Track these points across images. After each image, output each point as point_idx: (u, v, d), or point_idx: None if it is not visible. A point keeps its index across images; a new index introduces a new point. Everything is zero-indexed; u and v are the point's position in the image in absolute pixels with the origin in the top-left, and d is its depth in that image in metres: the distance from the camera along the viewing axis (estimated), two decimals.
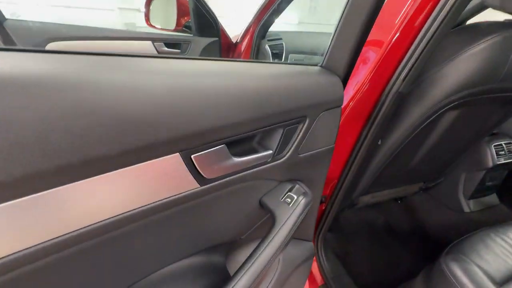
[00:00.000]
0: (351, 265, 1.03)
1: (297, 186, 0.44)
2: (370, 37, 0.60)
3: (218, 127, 0.28)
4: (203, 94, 0.28)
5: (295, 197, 0.41)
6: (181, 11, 1.24)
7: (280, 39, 1.22)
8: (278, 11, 1.37)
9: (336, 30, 0.41)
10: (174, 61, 0.30)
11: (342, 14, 0.40)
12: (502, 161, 1.01)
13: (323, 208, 0.84)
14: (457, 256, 0.66)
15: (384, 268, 1.04)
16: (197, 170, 0.29)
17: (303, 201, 0.41)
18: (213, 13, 1.21)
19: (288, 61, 1.18)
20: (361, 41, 0.41)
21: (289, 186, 0.43)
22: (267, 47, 1.19)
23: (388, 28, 0.54)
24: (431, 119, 0.69)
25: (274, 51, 1.18)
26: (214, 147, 0.29)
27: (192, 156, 0.28)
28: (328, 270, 0.86)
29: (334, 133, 0.46)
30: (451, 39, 0.64)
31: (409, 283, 0.86)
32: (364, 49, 0.61)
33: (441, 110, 0.67)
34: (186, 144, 0.27)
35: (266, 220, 0.49)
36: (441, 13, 0.47)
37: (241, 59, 0.35)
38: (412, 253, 1.11)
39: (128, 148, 0.24)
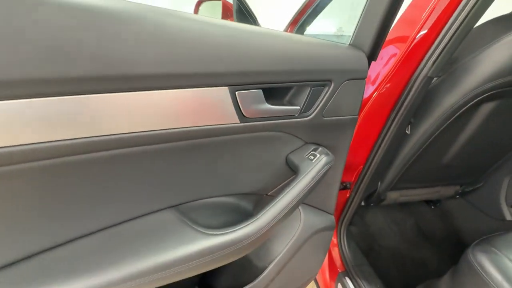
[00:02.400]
0: (375, 259, 1.02)
1: (320, 148, 0.49)
2: (401, 22, 0.64)
3: (256, 71, 0.36)
4: (245, 44, 0.36)
5: (318, 155, 0.47)
6: (226, 13, 1.39)
7: None
8: (313, 15, 1.44)
9: (363, 11, 0.47)
10: (233, 23, 0.39)
11: None
12: None
13: (348, 195, 0.87)
14: (487, 248, 0.65)
15: (410, 266, 1.01)
16: (239, 106, 0.37)
17: (324, 158, 0.47)
18: (254, 16, 1.33)
19: None
20: (386, 22, 0.46)
21: (313, 147, 0.49)
22: None
23: (420, 12, 0.57)
24: (464, 109, 0.69)
25: None
26: (251, 89, 0.37)
27: (236, 92, 0.36)
28: (349, 258, 0.88)
29: (358, 104, 0.50)
30: (488, 28, 0.65)
31: (437, 280, 0.83)
32: (395, 33, 0.65)
33: (475, 100, 0.67)
34: (233, 79, 0.35)
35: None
36: (463, 12, 0.50)
37: (279, 31, 0.43)
38: (443, 256, 1.06)
39: (185, 71, 0.31)
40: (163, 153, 0.36)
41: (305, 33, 1.50)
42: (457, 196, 1.15)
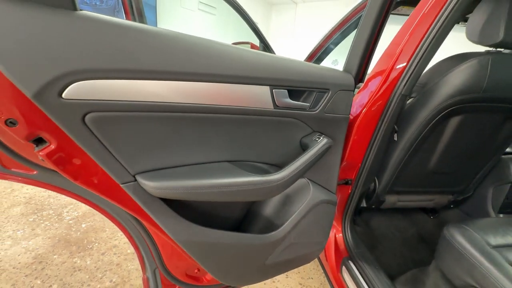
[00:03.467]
0: (377, 255, 1.16)
1: (323, 135, 0.73)
2: (384, 56, 0.91)
3: (284, 79, 0.63)
4: (278, 63, 0.63)
5: (321, 138, 0.71)
6: None
7: None
8: (327, 52, 1.78)
9: (351, 46, 0.75)
10: (271, 54, 0.67)
11: (355, 35, 0.74)
12: None
13: (350, 191, 1.06)
14: (459, 226, 0.82)
15: (411, 263, 1.14)
16: (274, 98, 0.63)
17: (325, 140, 0.71)
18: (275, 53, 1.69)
19: None
20: (366, 55, 0.73)
21: (318, 133, 0.74)
22: None
23: (396, 47, 0.85)
24: (435, 120, 0.92)
25: None
26: (281, 89, 0.63)
27: (273, 90, 0.62)
28: (352, 246, 1.04)
29: (348, 107, 0.75)
30: (447, 62, 0.91)
31: (427, 267, 0.97)
32: (380, 65, 0.91)
33: (442, 113, 0.90)
34: (271, 82, 0.61)
35: None
36: (427, 39, 0.76)
37: (297, 60, 0.74)
38: None
39: (248, 75, 0.59)
40: (227, 122, 0.62)
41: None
42: (452, 206, 1.30)
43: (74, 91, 0.43)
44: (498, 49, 0.85)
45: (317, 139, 0.72)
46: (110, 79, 0.46)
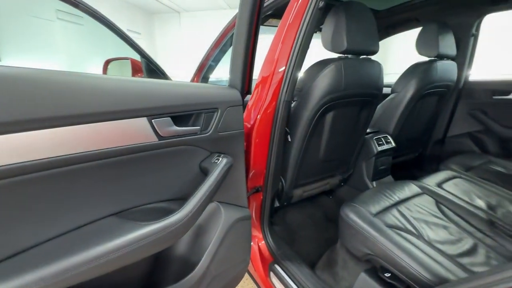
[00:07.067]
0: (297, 247, 1.25)
1: (223, 154, 0.71)
2: (265, 62, 0.96)
3: (164, 106, 0.56)
4: (156, 90, 0.55)
5: (220, 158, 0.68)
6: (135, 70, 1.56)
7: None
8: (213, 66, 1.80)
9: (230, 62, 0.75)
10: (143, 79, 0.58)
11: (232, 51, 0.74)
12: (382, 148, 1.44)
13: (261, 197, 1.09)
14: (350, 204, 0.97)
15: (323, 243, 1.28)
16: (156, 129, 0.54)
17: (225, 160, 0.68)
18: (163, 71, 1.56)
19: None
20: (246, 66, 0.75)
21: (217, 154, 0.70)
22: None
23: (273, 54, 0.91)
24: (315, 118, 1.05)
25: None
26: (164, 117, 0.56)
27: (152, 120, 0.54)
28: (274, 248, 1.08)
29: (240, 121, 0.76)
30: (314, 67, 1.05)
31: (336, 245, 1.11)
32: (264, 70, 0.96)
33: (320, 111, 1.04)
34: (149, 112, 0.53)
35: None
36: (297, 45, 0.85)
37: (181, 81, 0.67)
38: None
39: (112, 109, 0.48)
40: (103, 169, 0.49)
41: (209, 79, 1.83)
42: (342, 184, 1.56)
43: None
44: (346, 55, 1.06)
45: (217, 160, 0.68)
46: None
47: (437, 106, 1.67)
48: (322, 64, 1.03)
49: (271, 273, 1.05)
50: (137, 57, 1.67)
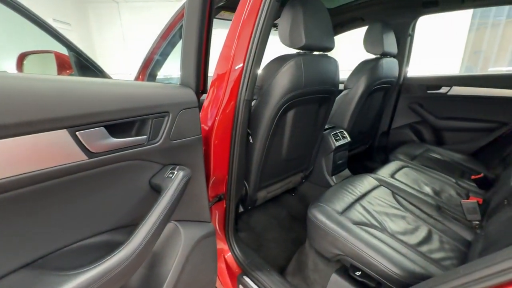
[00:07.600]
0: (265, 252, 1.20)
1: (178, 166, 0.60)
2: (221, 59, 0.87)
3: (94, 113, 0.43)
4: (82, 91, 0.42)
5: (176, 172, 0.57)
6: (63, 66, 1.30)
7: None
8: (161, 62, 1.62)
9: (181, 57, 0.64)
10: (69, 77, 0.43)
11: (182, 45, 0.63)
12: (340, 143, 1.48)
13: (225, 205, 1.01)
14: (316, 205, 0.94)
15: (290, 244, 1.26)
16: (83, 144, 0.41)
17: (181, 173, 0.57)
18: (99, 66, 1.32)
19: None
20: (200, 61, 0.64)
21: (171, 167, 0.59)
22: None
23: (229, 50, 0.81)
24: (277, 117, 1.00)
25: None
26: (94, 127, 0.43)
27: (77, 133, 0.40)
28: (242, 258, 1.00)
29: (197, 125, 0.65)
30: (272, 64, 0.99)
31: (304, 246, 1.09)
32: (219, 68, 0.87)
33: (282, 109, 0.99)
34: (70, 122, 0.39)
35: None
36: (254, 41, 0.77)
37: (122, 80, 0.51)
38: None
39: (12, 121, 0.33)
40: (14, 202, 0.35)
41: (157, 77, 1.64)
42: (303, 181, 1.56)
43: None
44: (304, 51, 1.03)
45: (171, 175, 0.57)
46: None
47: (383, 101, 1.80)
48: (281, 60, 0.98)
49: (240, 286, 0.97)
50: (64, 51, 1.39)
